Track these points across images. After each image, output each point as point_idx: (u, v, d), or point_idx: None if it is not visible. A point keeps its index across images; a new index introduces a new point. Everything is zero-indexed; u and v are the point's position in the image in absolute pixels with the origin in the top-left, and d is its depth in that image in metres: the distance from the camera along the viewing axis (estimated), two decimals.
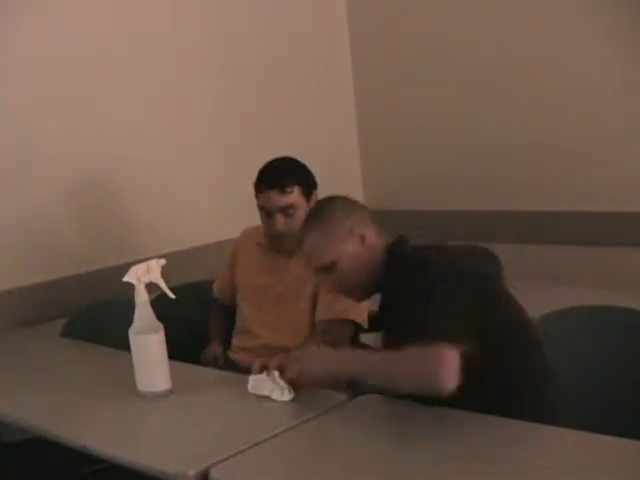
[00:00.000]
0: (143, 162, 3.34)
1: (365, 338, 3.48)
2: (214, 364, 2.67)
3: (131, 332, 2.17)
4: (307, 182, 2.60)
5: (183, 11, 3.49)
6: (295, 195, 2.56)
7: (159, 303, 2.30)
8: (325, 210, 2.12)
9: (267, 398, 2.02)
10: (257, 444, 1.82)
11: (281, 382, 2.00)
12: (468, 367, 1.75)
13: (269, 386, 2.02)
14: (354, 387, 1.99)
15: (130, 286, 2.18)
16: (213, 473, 1.71)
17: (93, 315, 2.91)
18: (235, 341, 2.78)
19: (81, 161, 3.16)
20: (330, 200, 2.16)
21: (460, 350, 1.76)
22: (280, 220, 2.56)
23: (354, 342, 2.60)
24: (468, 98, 3.80)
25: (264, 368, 2.06)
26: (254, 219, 2.70)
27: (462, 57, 3.79)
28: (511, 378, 1.91)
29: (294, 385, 2.00)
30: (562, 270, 3.47)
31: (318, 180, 2.62)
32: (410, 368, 1.78)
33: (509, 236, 3.61)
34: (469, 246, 2.12)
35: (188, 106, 3.49)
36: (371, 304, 2.35)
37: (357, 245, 2.04)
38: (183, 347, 2.40)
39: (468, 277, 1.91)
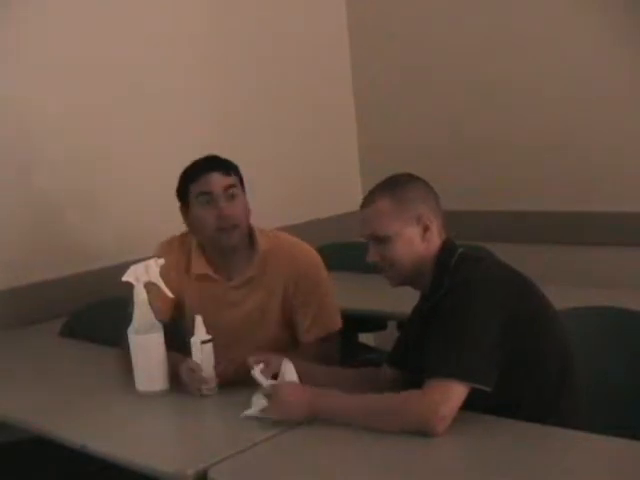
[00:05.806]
0: (143, 162, 3.34)
1: (365, 338, 3.50)
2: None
3: (130, 332, 2.17)
4: (241, 177, 2.48)
5: (183, 15, 3.49)
6: (236, 179, 2.44)
7: None
8: (404, 184, 2.02)
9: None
10: (255, 444, 1.82)
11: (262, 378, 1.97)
12: (482, 395, 1.77)
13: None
14: None
15: (129, 285, 2.18)
16: (211, 473, 1.71)
17: (92, 315, 2.90)
18: None
19: (80, 161, 3.15)
20: (411, 178, 2.06)
21: (471, 386, 1.77)
22: (225, 205, 2.37)
23: (351, 343, 2.56)
24: (468, 103, 3.79)
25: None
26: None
27: (462, 62, 3.78)
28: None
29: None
30: (562, 270, 3.47)
31: (317, 190, 2.56)
32: (397, 420, 1.79)
33: (509, 236, 3.60)
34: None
35: (188, 113, 3.51)
36: None
37: (418, 234, 1.96)
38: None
39: (510, 296, 1.88)
